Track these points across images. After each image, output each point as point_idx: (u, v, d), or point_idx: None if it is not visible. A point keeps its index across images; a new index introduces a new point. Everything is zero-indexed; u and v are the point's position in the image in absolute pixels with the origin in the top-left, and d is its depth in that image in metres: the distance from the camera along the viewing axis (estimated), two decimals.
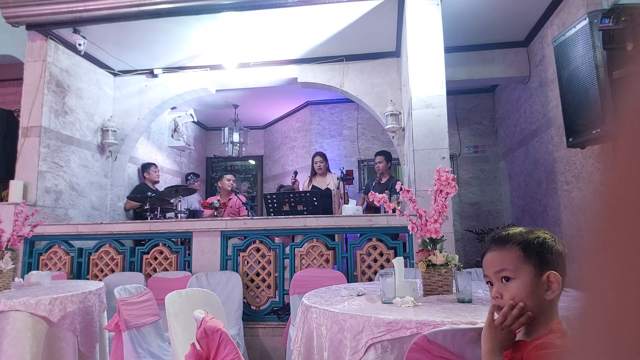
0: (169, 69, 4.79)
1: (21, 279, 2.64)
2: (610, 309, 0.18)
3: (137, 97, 4.84)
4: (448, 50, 3.36)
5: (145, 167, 5.17)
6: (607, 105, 2.40)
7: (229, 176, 4.71)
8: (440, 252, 1.73)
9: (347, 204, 3.88)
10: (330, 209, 4.14)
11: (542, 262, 0.92)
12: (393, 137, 4.35)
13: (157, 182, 5.19)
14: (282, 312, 3.08)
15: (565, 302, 0.90)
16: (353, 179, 4.73)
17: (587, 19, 2.50)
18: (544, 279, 0.90)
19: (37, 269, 3.35)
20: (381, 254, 3.00)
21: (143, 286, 2.27)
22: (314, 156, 4.65)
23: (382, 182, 4.36)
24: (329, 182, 4.44)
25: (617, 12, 2.33)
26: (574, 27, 2.64)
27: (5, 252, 2.33)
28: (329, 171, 4.68)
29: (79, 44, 3.89)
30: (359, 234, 3.15)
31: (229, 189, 4.61)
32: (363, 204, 4.39)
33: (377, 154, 4.52)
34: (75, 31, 3.87)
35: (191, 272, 3.12)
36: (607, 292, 0.19)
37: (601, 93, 2.43)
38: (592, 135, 2.57)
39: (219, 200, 4.37)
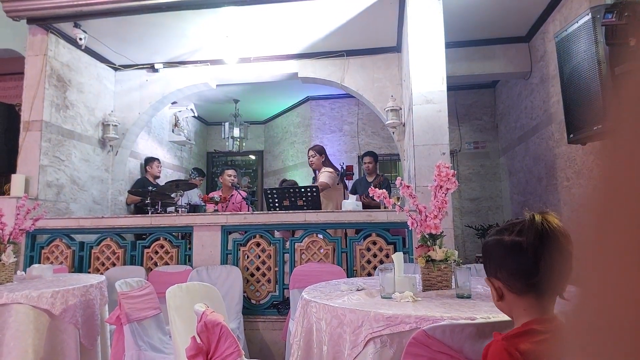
0: (169, 64, 4.78)
1: (23, 272, 2.66)
2: (605, 304, 0.18)
3: (138, 91, 4.83)
4: (449, 45, 3.35)
5: (148, 161, 5.19)
6: (609, 102, 2.40)
7: (230, 171, 4.70)
8: (440, 247, 1.74)
9: (347, 199, 3.88)
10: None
11: (487, 270, 0.97)
12: (393, 132, 4.35)
13: (159, 177, 5.21)
14: (282, 306, 3.10)
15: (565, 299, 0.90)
16: (353, 174, 4.73)
17: (590, 14, 2.49)
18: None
19: (39, 263, 3.37)
20: (381, 249, 3.01)
21: (144, 280, 2.28)
22: (307, 151, 4.28)
23: (369, 181, 4.40)
24: (319, 178, 4.01)
25: (620, 7, 2.32)
26: (576, 22, 2.63)
27: (8, 245, 2.35)
28: (329, 165, 4.16)
29: (80, 38, 3.88)
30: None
31: (230, 184, 4.60)
32: None
33: (366, 154, 4.58)
34: (76, 25, 3.86)
35: (192, 266, 3.14)
36: (601, 287, 0.19)
37: (603, 89, 2.42)
38: (594, 132, 2.57)
39: (220, 195, 4.37)
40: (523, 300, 0.90)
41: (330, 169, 4.00)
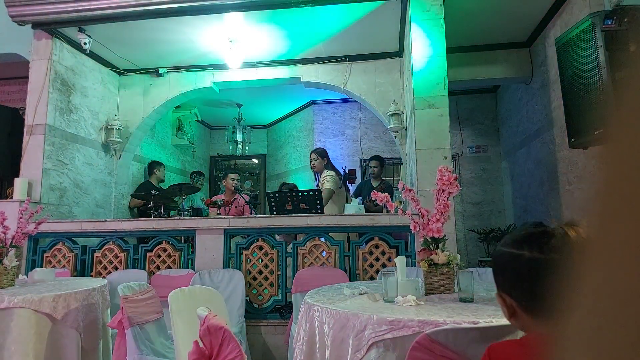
0: (173, 68, 4.80)
1: (25, 276, 2.66)
2: (609, 309, 0.18)
3: (142, 95, 4.86)
4: (450, 50, 3.36)
5: (154, 165, 5.19)
6: (610, 106, 2.40)
7: (232, 175, 4.72)
8: (442, 251, 1.74)
9: (350, 202, 3.88)
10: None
11: (497, 283, 0.84)
12: (395, 136, 4.36)
13: (163, 180, 5.24)
14: (284, 310, 3.09)
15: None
16: (356, 178, 4.73)
17: (590, 19, 2.51)
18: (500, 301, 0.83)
19: (41, 266, 3.37)
20: (383, 253, 3.00)
21: (146, 284, 2.29)
22: (310, 154, 4.26)
23: (374, 185, 4.43)
24: (320, 182, 4.02)
25: (620, 13, 2.33)
26: (577, 28, 2.64)
27: (10, 249, 2.35)
28: (331, 168, 4.12)
29: (84, 43, 3.90)
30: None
31: (233, 188, 4.62)
32: None
33: (372, 158, 4.63)
34: (81, 30, 3.88)
35: (194, 270, 3.14)
36: (604, 291, 0.19)
37: (604, 94, 2.43)
38: (595, 136, 2.58)
39: (223, 199, 4.39)
40: (540, 323, 0.76)
41: (332, 172, 3.98)
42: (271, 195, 3.63)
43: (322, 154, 4.11)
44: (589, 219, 0.20)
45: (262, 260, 3.16)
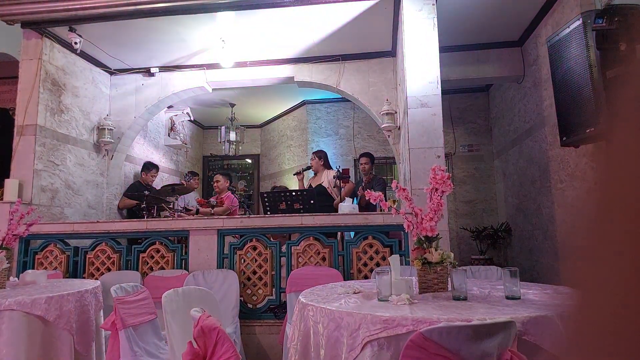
0: (165, 68, 4.77)
1: (16, 278, 2.63)
2: (603, 306, 0.18)
3: (134, 95, 4.82)
4: (443, 49, 3.38)
5: (146, 167, 5.05)
6: (601, 105, 2.43)
7: (217, 177, 4.80)
8: (436, 249, 1.75)
9: (344, 202, 3.89)
10: (325, 206, 4.15)
11: None
12: (389, 135, 4.37)
13: (150, 185, 5.12)
14: (278, 310, 3.09)
15: (559, 300, 0.91)
16: (349, 177, 4.75)
17: (581, 19, 2.53)
18: None
19: (33, 268, 3.34)
20: (377, 252, 3.01)
21: (139, 285, 2.27)
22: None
23: (366, 182, 4.48)
24: (323, 179, 4.43)
25: (611, 12, 2.36)
26: (568, 27, 2.66)
27: (0, 251, 2.32)
28: (329, 168, 4.56)
29: (75, 43, 3.87)
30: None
31: (218, 189, 4.70)
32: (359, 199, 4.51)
33: (362, 155, 4.69)
34: (71, 29, 3.85)
35: (188, 271, 3.12)
36: (598, 289, 0.19)
37: (595, 92, 2.45)
38: (586, 134, 2.60)
39: (216, 199, 4.39)
40: None
41: (333, 172, 4.35)
42: (265, 195, 3.62)
43: (320, 155, 4.54)
44: (583, 217, 0.20)
45: (256, 261, 3.15)
